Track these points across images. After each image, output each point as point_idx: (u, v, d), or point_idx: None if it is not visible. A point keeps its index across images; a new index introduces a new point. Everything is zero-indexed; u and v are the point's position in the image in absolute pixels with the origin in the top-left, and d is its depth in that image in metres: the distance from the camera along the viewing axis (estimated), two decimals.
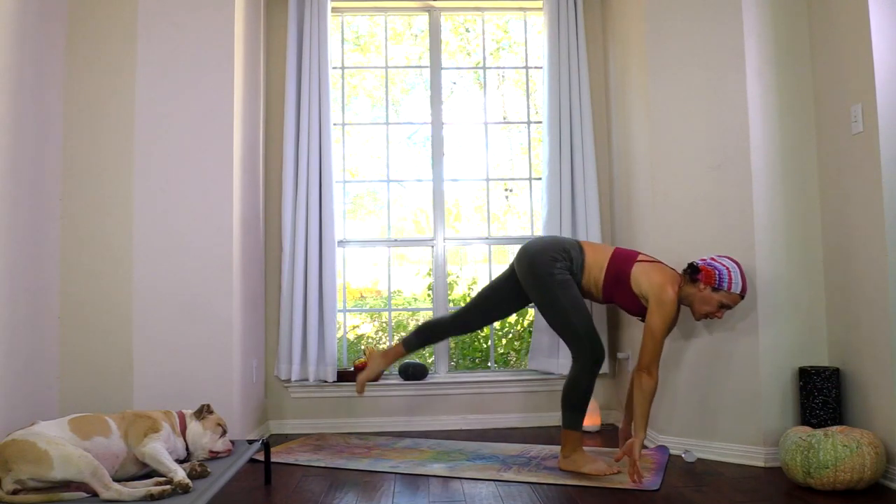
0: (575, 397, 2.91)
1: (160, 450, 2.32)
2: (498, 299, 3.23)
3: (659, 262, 3.01)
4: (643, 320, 2.96)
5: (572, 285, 2.96)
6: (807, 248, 3.10)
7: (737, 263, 2.89)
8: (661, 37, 3.36)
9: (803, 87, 3.15)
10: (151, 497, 2.04)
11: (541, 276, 2.96)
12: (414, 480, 2.87)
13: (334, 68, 4.21)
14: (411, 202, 4.90)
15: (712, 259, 2.91)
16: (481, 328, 3.40)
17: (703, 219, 3.21)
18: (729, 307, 2.88)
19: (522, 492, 2.69)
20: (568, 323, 2.91)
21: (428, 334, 3.34)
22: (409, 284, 5.14)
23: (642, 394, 2.80)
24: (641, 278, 2.91)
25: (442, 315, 3.35)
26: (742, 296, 2.87)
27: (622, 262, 2.98)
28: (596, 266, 3.00)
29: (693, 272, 2.89)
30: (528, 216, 4.30)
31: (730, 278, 2.83)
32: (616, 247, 3.13)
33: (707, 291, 2.85)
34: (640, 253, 3.04)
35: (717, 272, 2.84)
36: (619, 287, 2.97)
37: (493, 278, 3.32)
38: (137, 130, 3.17)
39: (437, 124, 4.21)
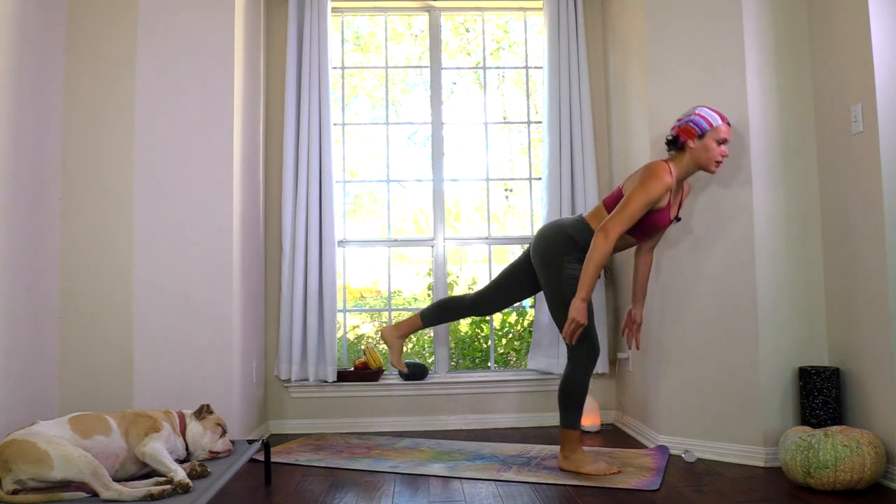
0: (571, 395, 2.91)
1: (160, 449, 2.32)
2: (516, 282, 3.16)
3: None
4: (678, 219, 2.98)
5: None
6: (807, 248, 3.10)
7: (697, 107, 2.91)
8: (661, 37, 3.36)
9: (803, 87, 3.15)
10: (151, 497, 2.04)
11: (551, 271, 2.93)
12: (414, 480, 2.87)
13: (334, 68, 4.21)
14: (411, 202, 4.90)
15: (678, 120, 2.93)
16: (500, 310, 3.31)
17: (703, 218, 3.21)
18: (726, 141, 2.87)
19: (522, 492, 2.69)
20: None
21: (446, 312, 3.26)
22: (409, 284, 5.14)
23: (590, 251, 2.75)
24: (629, 183, 2.87)
25: (463, 294, 3.32)
26: (726, 123, 2.88)
27: (612, 203, 2.91)
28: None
29: (674, 141, 2.91)
30: (528, 216, 4.30)
31: (703, 119, 2.85)
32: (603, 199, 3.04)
33: (698, 144, 2.86)
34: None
35: (690, 123, 2.86)
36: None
37: (512, 261, 3.25)
38: (137, 130, 3.17)
39: (437, 124, 4.21)
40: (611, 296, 4.06)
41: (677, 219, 3.00)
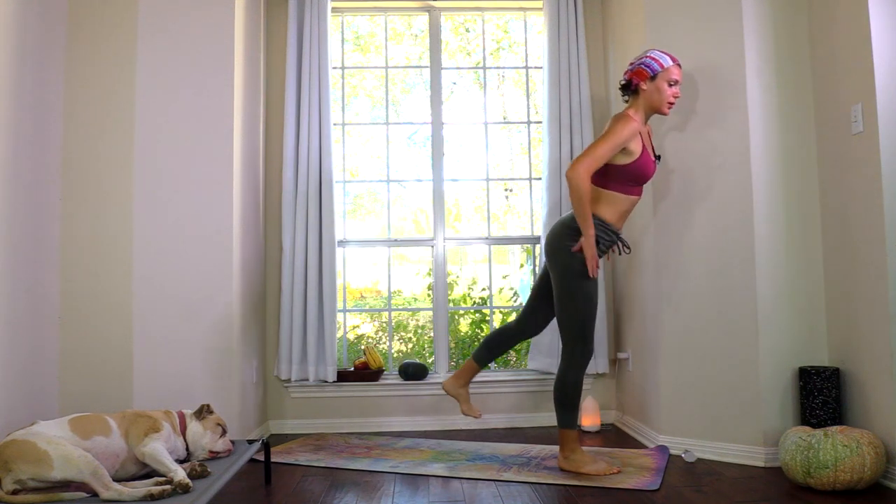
0: (565, 394, 2.91)
1: (160, 450, 2.32)
2: (545, 294, 3.12)
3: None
4: (658, 158, 3.01)
5: (593, 280, 2.88)
6: (807, 248, 3.10)
7: (649, 50, 2.98)
8: (661, 37, 3.36)
9: (803, 87, 3.15)
10: (151, 497, 2.05)
11: (559, 266, 2.90)
12: (414, 480, 2.87)
13: (334, 68, 4.21)
14: (411, 202, 4.90)
15: (630, 64, 3.00)
16: (544, 326, 3.23)
17: (703, 219, 3.21)
18: (676, 82, 2.93)
19: (522, 492, 2.69)
20: (573, 318, 2.88)
21: (496, 346, 3.21)
22: (409, 284, 5.14)
23: (570, 193, 2.82)
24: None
25: (506, 324, 3.27)
26: (677, 64, 2.94)
27: (595, 178, 2.93)
28: (602, 200, 2.92)
29: (628, 85, 2.97)
30: (528, 216, 4.30)
31: (655, 60, 2.91)
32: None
33: (650, 86, 2.92)
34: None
35: (642, 65, 2.93)
36: (609, 173, 2.90)
37: (537, 278, 3.23)
38: (137, 130, 3.17)
39: (437, 124, 4.21)
40: (610, 297, 4.06)
41: (658, 157, 3.04)
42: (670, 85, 2.92)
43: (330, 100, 3.95)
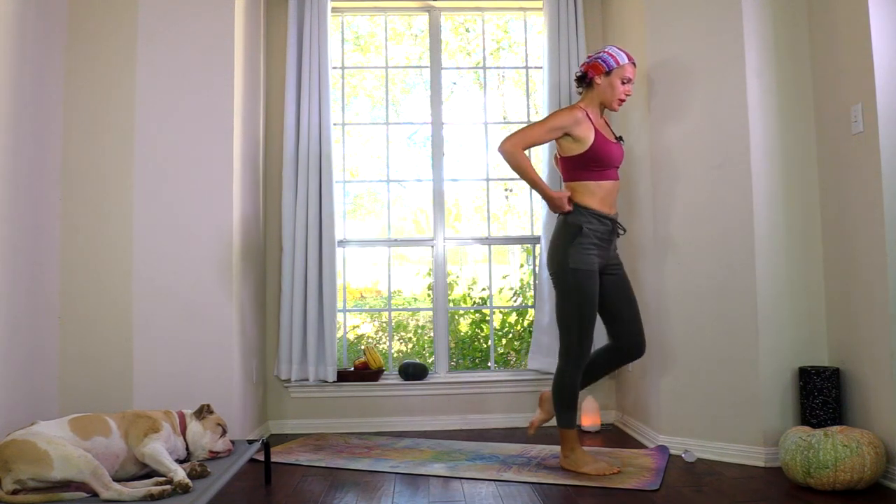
0: (562, 395, 2.91)
1: (160, 450, 2.32)
2: (598, 305, 2.98)
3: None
4: (621, 139, 3.08)
5: (591, 277, 2.87)
6: (807, 248, 3.10)
7: (607, 45, 3.07)
8: (661, 37, 3.36)
9: (803, 87, 3.15)
10: (151, 497, 2.05)
11: (557, 269, 2.91)
12: (414, 480, 2.87)
13: (334, 68, 4.21)
14: (411, 202, 4.91)
15: (588, 57, 3.06)
16: (627, 331, 3.01)
17: (703, 219, 3.21)
18: (630, 80, 2.97)
19: (522, 492, 2.69)
20: (570, 317, 2.87)
21: (593, 369, 3.04)
22: (409, 284, 5.14)
23: (512, 166, 2.91)
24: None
25: (596, 350, 3.10)
26: (632, 63, 2.98)
27: (564, 170, 3.00)
28: (578, 192, 2.93)
29: (583, 78, 3.02)
30: (528, 216, 4.30)
31: (611, 56, 2.95)
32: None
33: (604, 81, 2.96)
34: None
35: (598, 60, 2.97)
36: (573, 164, 2.94)
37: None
38: (137, 130, 3.17)
39: (437, 124, 4.21)
40: None
41: (619, 139, 3.08)
42: (623, 82, 2.96)
43: (330, 100, 3.95)
